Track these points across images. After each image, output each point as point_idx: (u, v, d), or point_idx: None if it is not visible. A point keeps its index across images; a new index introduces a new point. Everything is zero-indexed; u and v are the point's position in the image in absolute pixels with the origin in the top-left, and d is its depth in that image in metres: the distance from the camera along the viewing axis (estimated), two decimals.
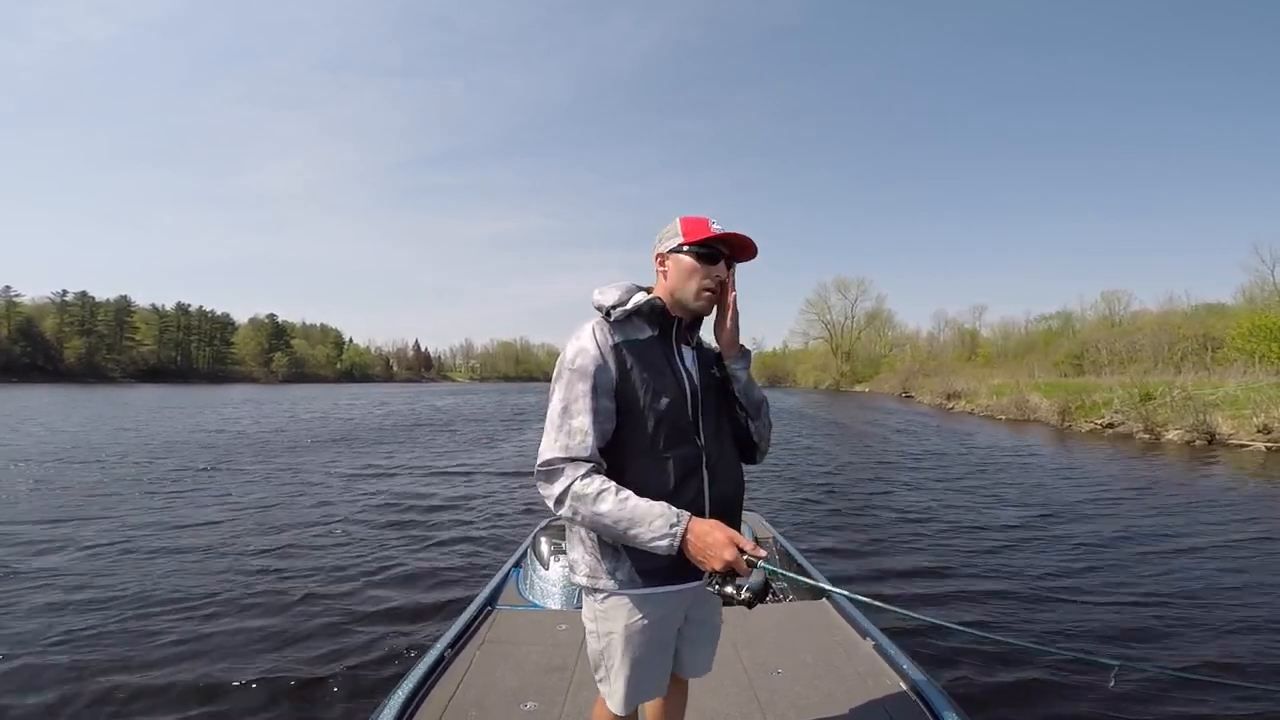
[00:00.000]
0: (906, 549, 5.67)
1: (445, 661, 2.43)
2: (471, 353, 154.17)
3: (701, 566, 1.26)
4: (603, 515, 1.26)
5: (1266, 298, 34.92)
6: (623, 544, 1.32)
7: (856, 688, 2.29)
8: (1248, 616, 4.04)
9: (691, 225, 1.43)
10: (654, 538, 1.24)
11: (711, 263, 1.42)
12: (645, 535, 1.25)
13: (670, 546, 1.24)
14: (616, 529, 1.26)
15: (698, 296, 1.42)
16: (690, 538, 1.25)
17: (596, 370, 1.35)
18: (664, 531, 1.24)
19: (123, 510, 6.88)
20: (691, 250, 1.41)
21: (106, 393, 43.27)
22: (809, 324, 72.89)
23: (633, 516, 1.25)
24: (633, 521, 1.25)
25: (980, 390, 27.85)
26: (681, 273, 1.43)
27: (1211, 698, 3.02)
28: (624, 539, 1.28)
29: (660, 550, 1.25)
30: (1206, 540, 5.93)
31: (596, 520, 1.27)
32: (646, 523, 1.25)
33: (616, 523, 1.26)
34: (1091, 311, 52.30)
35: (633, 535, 1.26)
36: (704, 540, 1.24)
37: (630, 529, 1.25)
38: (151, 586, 4.44)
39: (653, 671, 1.46)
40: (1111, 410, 17.05)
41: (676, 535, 1.24)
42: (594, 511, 1.26)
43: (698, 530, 1.25)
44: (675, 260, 1.44)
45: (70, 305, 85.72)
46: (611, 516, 1.25)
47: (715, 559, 1.23)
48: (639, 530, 1.25)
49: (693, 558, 1.26)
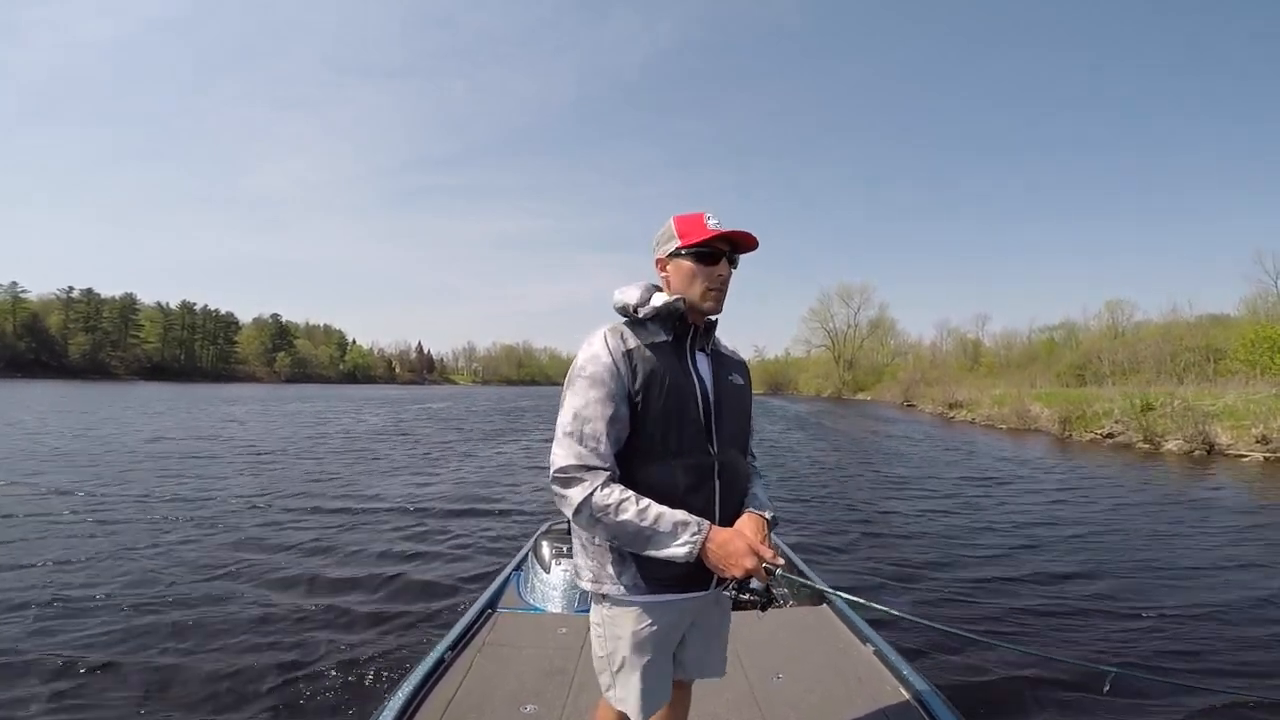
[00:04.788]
0: (906, 555, 5.67)
1: (445, 664, 2.44)
2: (474, 355, 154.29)
3: (720, 574, 1.25)
4: (625, 525, 1.23)
5: (1270, 309, 34.72)
6: (634, 552, 1.29)
7: (857, 692, 2.29)
8: (1245, 623, 4.03)
9: (687, 225, 1.38)
10: (675, 545, 1.23)
11: (713, 262, 1.37)
12: (666, 544, 1.23)
13: (690, 555, 1.23)
14: (638, 539, 1.24)
15: (704, 298, 1.38)
16: (711, 546, 1.23)
17: (610, 377, 1.31)
18: (685, 540, 1.23)
19: (121, 507, 6.89)
20: (690, 253, 1.37)
21: (109, 389, 43.32)
22: (811, 332, 73.06)
23: (654, 525, 1.23)
24: (655, 530, 1.23)
25: (982, 400, 27.78)
26: (683, 277, 1.39)
27: (1207, 706, 3.02)
28: (644, 547, 1.25)
29: (679, 559, 1.23)
30: (1203, 549, 5.92)
31: (619, 530, 1.24)
32: (668, 531, 1.23)
33: (638, 533, 1.23)
34: (1095, 322, 51.92)
35: (655, 544, 1.24)
36: (725, 549, 1.23)
37: (652, 538, 1.23)
38: (151, 587, 4.45)
39: (661, 677, 1.44)
40: (1112, 420, 17.02)
41: (697, 544, 1.23)
42: (616, 521, 1.23)
43: (718, 539, 1.24)
44: (675, 265, 1.40)
45: (76, 302, 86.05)
46: (633, 526, 1.23)
47: (736, 567, 1.22)
48: (660, 539, 1.23)
49: (712, 565, 1.25)
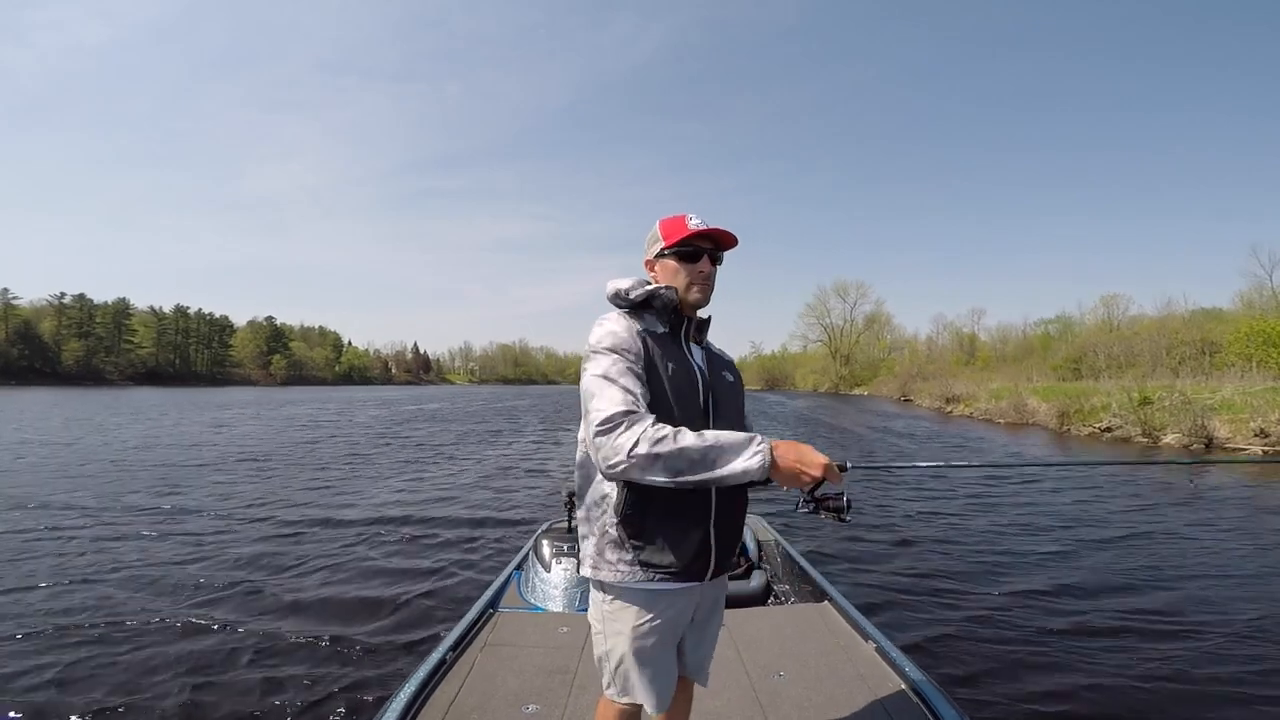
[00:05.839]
0: (907, 552, 5.67)
1: (447, 664, 2.44)
2: (470, 355, 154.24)
3: (793, 484, 1.26)
4: (688, 449, 1.20)
5: (1265, 302, 34.89)
6: (698, 479, 1.22)
7: (858, 690, 2.29)
8: (1245, 620, 4.05)
9: (669, 227, 1.47)
10: (745, 458, 1.20)
11: (694, 260, 1.46)
12: (733, 458, 1.21)
13: (763, 465, 1.20)
14: (703, 460, 1.21)
15: (688, 291, 1.47)
16: (779, 453, 1.22)
17: (628, 348, 1.36)
18: (754, 450, 1.21)
19: (118, 508, 6.88)
20: (673, 252, 1.46)
21: (102, 396, 43.13)
22: (808, 327, 73.16)
23: (718, 443, 1.22)
24: (720, 449, 1.21)
25: (979, 394, 27.87)
26: (670, 275, 1.48)
27: (1205, 701, 3.03)
28: (709, 469, 1.21)
29: (751, 471, 1.20)
30: (1200, 540, 5.94)
31: (680, 457, 1.20)
32: (734, 445, 1.22)
33: (704, 454, 1.21)
34: (1090, 316, 52.15)
35: (722, 462, 1.21)
36: (796, 452, 1.23)
37: (719, 456, 1.21)
38: (150, 586, 4.43)
39: (664, 673, 1.46)
40: (1110, 414, 17.08)
41: (765, 453, 1.21)
42: (677, 448, 1.20)
43: (783, 447, 1.24)
44: (662, 264, 1.49)
45: (68, 307, 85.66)
46: (696, 450, 1.20)
47: (813, 466, 1.21)
48: (727, 455, 1.21)
49: (785, 475, 1.24)
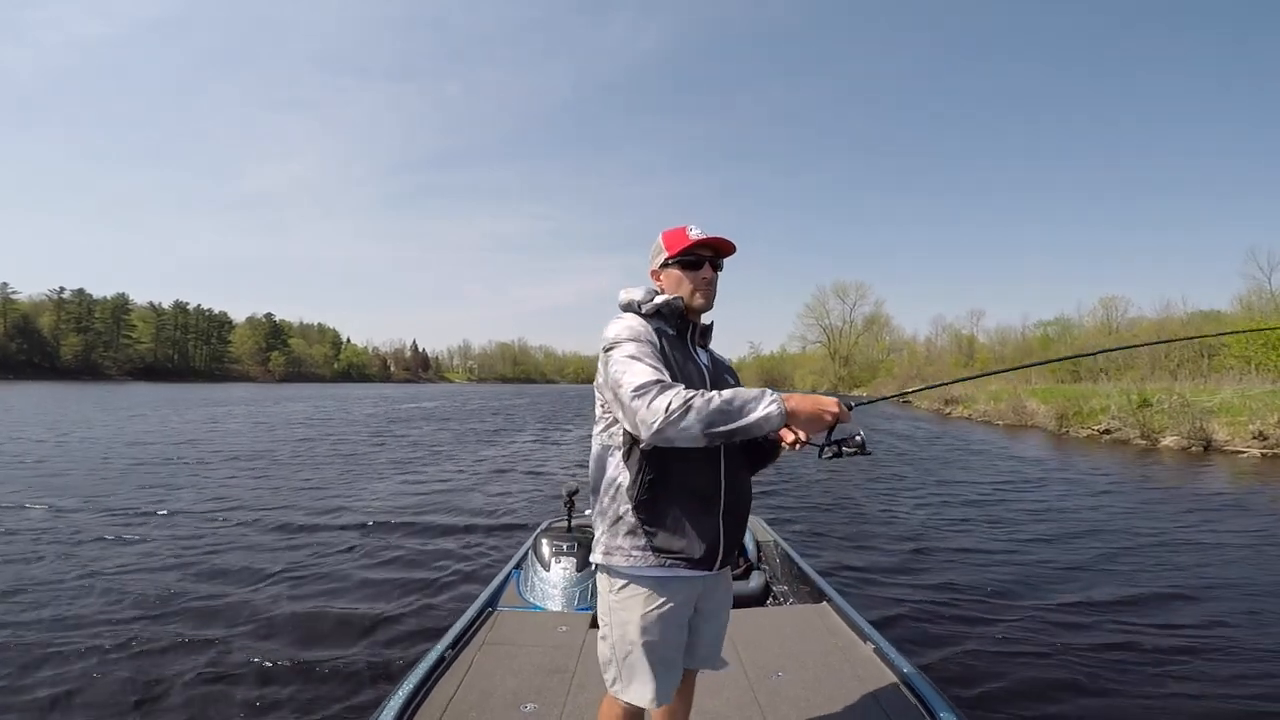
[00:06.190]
0: (907, 552, 5.67)
1: (446, 662, 2.44)
2: (469, 353, 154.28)
3: (815, 426, 1.39)
4: (716, 401, 1.31)
5: (1263, 305, 34.91)
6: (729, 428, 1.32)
7: (857, 690, 2.29)
8: (1244, 620, 4.06)
9: (671, 238, 1.58)
10: (764, 407, 1.31)
11: (696, 268, 1.57)
12: (756, 408, 1.31)
13: (780, 411, 1.32)
14: (732, 411, 1.31)
15: (692, 297, 1.57)
16: (794, 403, 1.35)
17: (646, 340, 1.44)
18: (770, 400, 1.33)
19: (116, 504, 6.87)
20: (676, 262, 1.57)
21: (99, 390, 43.10)
22: (807, 328, 73.06)
23: (739, 396, 1.33)
24: (744, 400, 1.32)
25: (978, 396, 27.87)
26: (674, 284, 1.58)
27: (1204, 702, 3.04)
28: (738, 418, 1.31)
29: (772, 419, 1.32)
30: (1203, 543, 5.95)
31: (712, 412, 1.30)
32: (754, 398, 1.33)
33: (731, 403, 1.31)
34: (1090, 318, 52.08)
35: (748, 410, 1.31)
36: (809, 399, 1.37)
37: (744, 406, 1.31)
38: (149, 586, 4.43)
39: (671, 665, 1.49)
40: (1109, 416, 17.09)
41: (780, 402, 1.33)
42: (711, 406, 1.30)
43: (796, 398, 1.36)
44: (666, 274, 1.60)
45: (67, 303, 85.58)
46: (725, 399, 1.31)
47: (826, 411, 1.36)
48: (751, 406, 1.32)
49: (807, 417, 1.36)
